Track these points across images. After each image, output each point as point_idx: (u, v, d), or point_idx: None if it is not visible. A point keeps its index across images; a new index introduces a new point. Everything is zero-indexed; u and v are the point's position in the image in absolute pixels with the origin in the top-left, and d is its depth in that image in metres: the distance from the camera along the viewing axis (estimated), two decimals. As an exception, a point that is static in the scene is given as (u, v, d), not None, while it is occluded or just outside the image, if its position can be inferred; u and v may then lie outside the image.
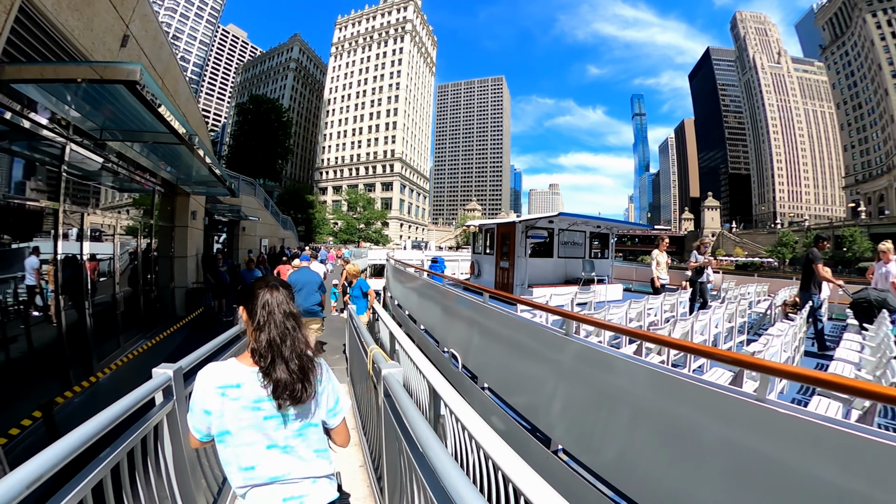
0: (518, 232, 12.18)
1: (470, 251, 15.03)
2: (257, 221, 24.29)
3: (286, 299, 1.70)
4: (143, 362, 8.41)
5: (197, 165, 9.34)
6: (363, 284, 7.79)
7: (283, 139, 64.37)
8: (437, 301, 8.13)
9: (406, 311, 10.92)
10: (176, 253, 11.95)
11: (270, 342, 1.58)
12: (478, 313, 6.03)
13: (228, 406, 1.54)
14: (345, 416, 1.79)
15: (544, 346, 4.40)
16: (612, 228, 15.45)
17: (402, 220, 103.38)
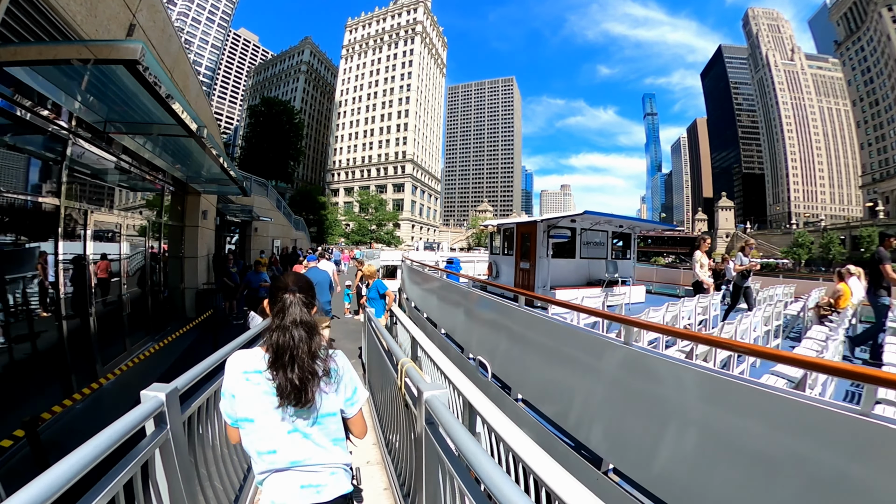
0: (539, 231, 11.66)
1: (487, 252, 14.50)
2: (269, 222, 24.02)
3: (301, 306, 1.71)
4: (149, 366, 8.05)
5: (208, 163, 8.98)
6: (380, 286, 7.34)
7: (295, 141, 64.41)
8: (460, 304, 7.63)
9: (424, 313, 10.44)
10: (186, 253, 11.62)
11: (277, 347, 1.62)
12: (511, 318, 5.52)
13: (251, 390, 1.62)
14: (361, 407, 1.83)
15: (596, 354, 3.91)
16: (634, 228, 14.86)
17: (414, 222, 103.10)
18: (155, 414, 1.96)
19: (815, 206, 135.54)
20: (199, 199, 11.77)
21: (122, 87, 5.07)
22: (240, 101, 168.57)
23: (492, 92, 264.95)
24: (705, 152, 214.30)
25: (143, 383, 1.89)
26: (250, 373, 1.64)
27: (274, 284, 1.79)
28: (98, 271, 7.45)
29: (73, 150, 6.16)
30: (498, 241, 13.65)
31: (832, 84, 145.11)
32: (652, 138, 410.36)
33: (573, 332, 4.31)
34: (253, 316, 6.69)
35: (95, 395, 6.52)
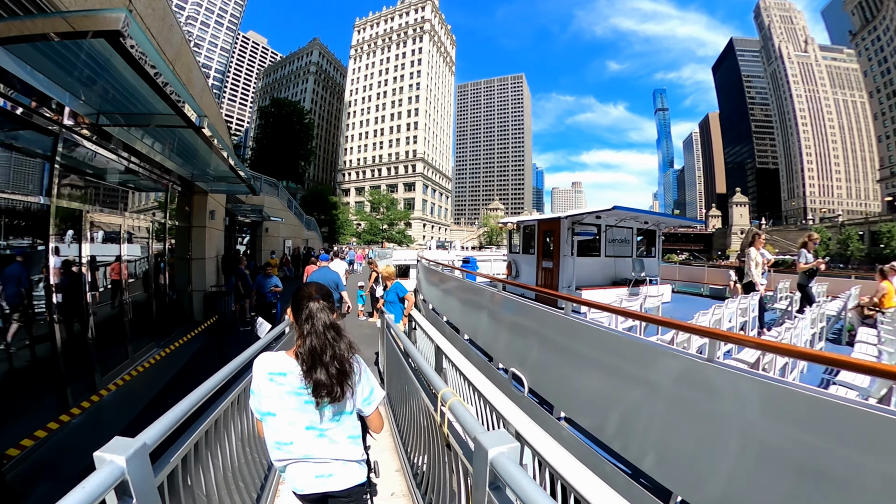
0: (563, 228, 11.01)
1: (497, 250, 13.86)
2: (280, 222, 23.64)
3: (326, 311, 1.86)
4: (154, 375, 7.59)
5: (214, 161, 8.49)
6: (399, 288, 6.76)
7: (306, 141, 64.06)
8: (484, 307, 7.01)
9: (444, 316, 9.83)
10: (194, 254, 11.17)
11: (312, 350, 1.76)
12: (546, 324, 4.90)
13: (275, 390, 1.78)
14: (379, 406, 1.96)
15: (657, 368, 3.30)
16: (659, 224, 14.13)
17: (425, 221, 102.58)
18: (116, 484, 1.39)
19: (831, 201, 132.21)
20: (206, 199, 11.31)
21: (114, 72, 4.58)
22: (250, 103, 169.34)
23: (501, 89, 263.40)
24: (718, 147, 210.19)
25: (145, 394, 1.59)
26: (275, 374, 1.80)
27: (298, 295, 1.91)
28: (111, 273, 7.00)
29: (65, 146, 5.68)
30: (517, 239, 13.00)
31: (847, 75, 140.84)
32: (663, 134, 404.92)
33: (629, 342, 3.69)
34: (261, 322, 6.19)
35: (93, 410, 6.05)
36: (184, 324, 10.51)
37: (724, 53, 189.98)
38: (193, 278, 11.15)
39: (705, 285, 16.63)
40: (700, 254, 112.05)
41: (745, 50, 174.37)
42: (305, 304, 1.85)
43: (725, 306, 7.46)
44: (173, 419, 1.79)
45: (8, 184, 5.01)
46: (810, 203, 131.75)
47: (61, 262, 5.70)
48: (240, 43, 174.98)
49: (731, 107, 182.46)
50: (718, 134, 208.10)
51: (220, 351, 6.63)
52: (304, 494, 1.83)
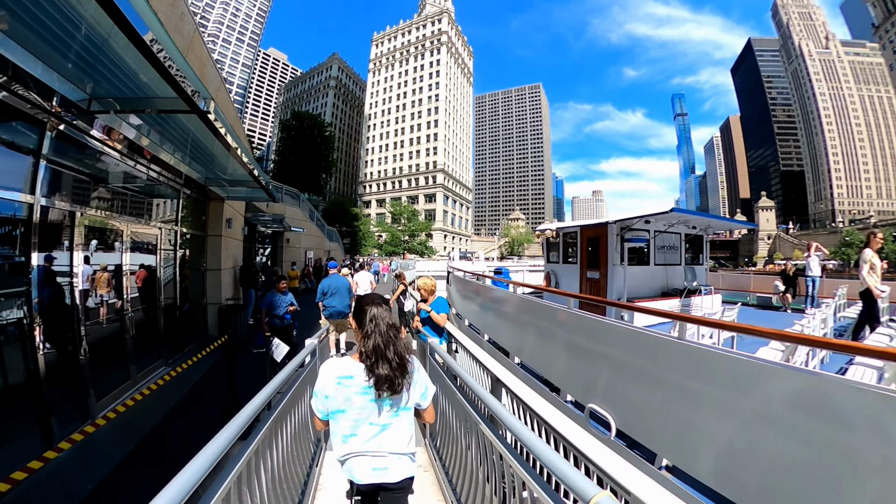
0: (611, 235, 9.90)
1: (544, 259, 12.68)
2: (302, 233, 23.00)
3: (388, 313, 2.10)
4: (159, 399, 6.72)
5: (232, 165, 7.72)
6: (442, 305, 5.70)
7: (327, 153, 64.13)
8: (553, 330, 5.83)
9: (485, 334, 8.70)
10: (208, 265, 10.40)
11: (376, 347, 1.97)
12: (655, 355, 3.78)
13: (343, 391, 1.99)
14: (431, 399, 2.21)
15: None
16: (707, 228, 12.90)
17: (446, 232, 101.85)
18: None
19: (860, 202, 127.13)
20: (222, 206, 10.58)
21: (110, 52, 3.80)
22: (272, 118, 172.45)
23: (519, 99, 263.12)
24: (740, 151, 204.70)
25: (146, 423, 2.26)
26: (343, 377, 2.01)
27: (361, 303, 2.13)
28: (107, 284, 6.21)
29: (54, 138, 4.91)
30: (557, 248, 11.89)
31: (872, 70, 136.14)
32: (683, 139, 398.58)
33: (774, 370, 2.63)
34: (277, 344, 5.28)
35: (82, 444, 5.18)
36: (197, 339, 9.71)
37: (743, 55, 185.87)
38: (208, 290, 10.37)
39: (751, 294, 15.28)
40: (726, 261, 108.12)
41: (763, 50, 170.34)
42: (370, 308, 2.06)
43: (809, 319, 6.32)
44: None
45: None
46: (838, 205, 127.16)
47: (45, 270, 4.86)
48: (261, 59, 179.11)
49: (753, 109, 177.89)
50: (740, 137, 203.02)
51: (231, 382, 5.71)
52: (361, 484, 2.03)
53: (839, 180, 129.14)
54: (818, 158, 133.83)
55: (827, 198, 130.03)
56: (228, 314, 9.63)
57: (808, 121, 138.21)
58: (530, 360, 6.17)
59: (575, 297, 5.36)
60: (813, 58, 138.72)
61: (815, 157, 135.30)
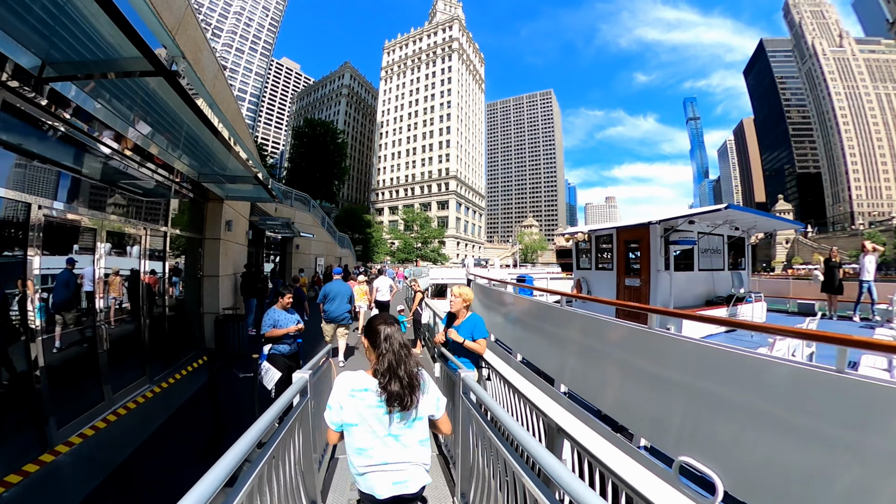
0: (654, 237, 8.76)
1: (574, 265, 11.48)
2: (311, 238, 22.15)
3: (400, 333, 2.19)
4: (134, 423, 5.73)
5: (228, 159, 6.78)
6: (479, 326, 4.41)
7: (339, 160, 63.68)
8: (612, 351, 4.74)
9: (517, 354, 7.55)
10: (206, 271, 9.48)
11: (389, 365, 2.04)
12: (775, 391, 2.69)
13: (357, 404, 2.02)
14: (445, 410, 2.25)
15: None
16: (749, 230, 11.71)
17: (459, 239, 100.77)
18: None
19: (880, 203, 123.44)
20: (221, 207, 9.67)
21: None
22: (285, 127, 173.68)
23: (530, 106, 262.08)
24: (754, 154, 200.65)
25: (113, 456, 2.10)
26: (357, 391, 2.04)
27: (372, 323, 2.20)
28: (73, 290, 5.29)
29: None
30: (589, 253, 10.74)
31: (888, 67, 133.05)
32: (696, 143, 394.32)
33: None
34: (267, 369, 4.28)
35: (30, 482, 4.21)
36: (193, 351, 8.78)
37: (755, 56, 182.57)
38: (205, 299, 9.45)
39: (791, 300, 13.97)
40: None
41: (776, 51, 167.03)
42: (382, 328, 2.15)
43: None
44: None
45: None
46: (857, 206, 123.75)
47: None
48: (273, 69, 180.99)
49: (766, 111, 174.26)
50: (754, 140, 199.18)
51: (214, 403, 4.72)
52: (382, 499, 2.00)
53: (857, 181, 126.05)
54: (835, 159, 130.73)
55: (845, 199, 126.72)
56: (225, 325, 8.64)
57: (823, 121, 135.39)
58: (584, 390, 5.04)
59: (651, 311, 4.27)
60: (827, 57, 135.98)
61: (832, 159, 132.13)
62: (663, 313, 4.28)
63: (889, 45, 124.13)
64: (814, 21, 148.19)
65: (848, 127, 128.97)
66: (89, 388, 5.71)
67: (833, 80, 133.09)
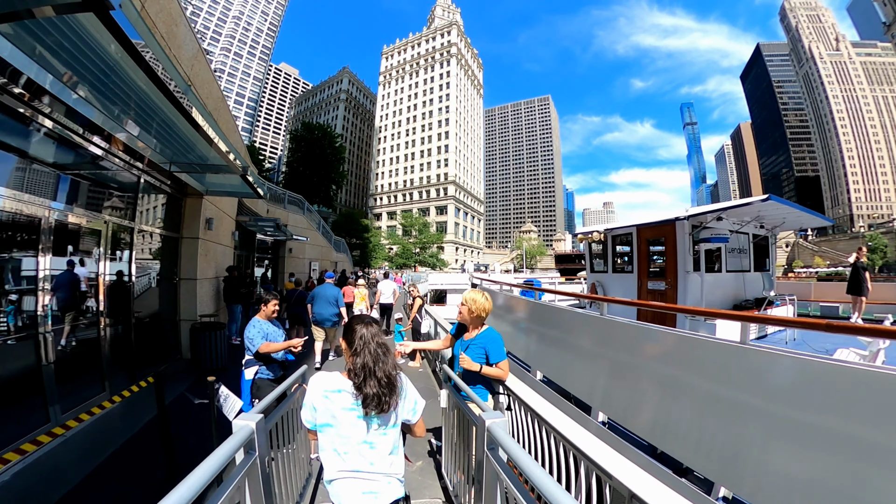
0: (681, 235, 7.89)
1: (587, 268, 10.56)
2: (305, 242, 21.22)
3: (378, 332, 2.08)
4: (81, 447, 4.78)
5: (205, 148, 5.87)
6: (497, 345, 3.47)
7: (337, 164, 62.92)
8: (682, 376, 3.83)
9: (537, 372, 6.58)
10: (182, 274, 8.54)
11: (364, 365, 1.93)
12: None
13: (329, 406, 1.92)
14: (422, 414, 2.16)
15: None
16: (774, 228, 10.88)
17: (458, 244, 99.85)
18: None
19: (879, 206, 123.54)
20: (200, 203, 8.75)
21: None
22: (283, 132, 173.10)
23: (528, 112, 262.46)
24: (752, 158, 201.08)
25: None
26: (330, 391, 1.94)
27: (351, 323, 2.10)
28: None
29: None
30: (605, 254, 9.84)
31: (885, 70, 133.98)
32: (694, 149, 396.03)
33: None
34: (226, 396, 3.34)
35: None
36: (164, 363, 7.83)
37: (752, 61, 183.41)
38: (182, 304, 8.50)
39: (812, 303, 13.08)
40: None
41: (773, 55, 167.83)
42: (359, 327, 2.05)
43: None
44: None
45: None
46: (857, 209, 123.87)
47: None
48: (272, 74, 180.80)
49: (764, 115, 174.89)
50: (752, 144, 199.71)
51: (164, 435, 3.79)
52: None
53: (856, 184, 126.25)
54: (833, 162, 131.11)
55: (844, 202, 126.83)
56: (201, 333, 7.68)
57: (821, 124, 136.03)
58: (634, 423, 4.09)
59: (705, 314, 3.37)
60: (824, 60, 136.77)
61: (831, 162, 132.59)
62: (750, 319, 3.36)
63: (885, 48, 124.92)
64: (810, 25, 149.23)
65: (846, 130, 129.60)
66: (34, 407, 4.80)
67: (830, 84, 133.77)
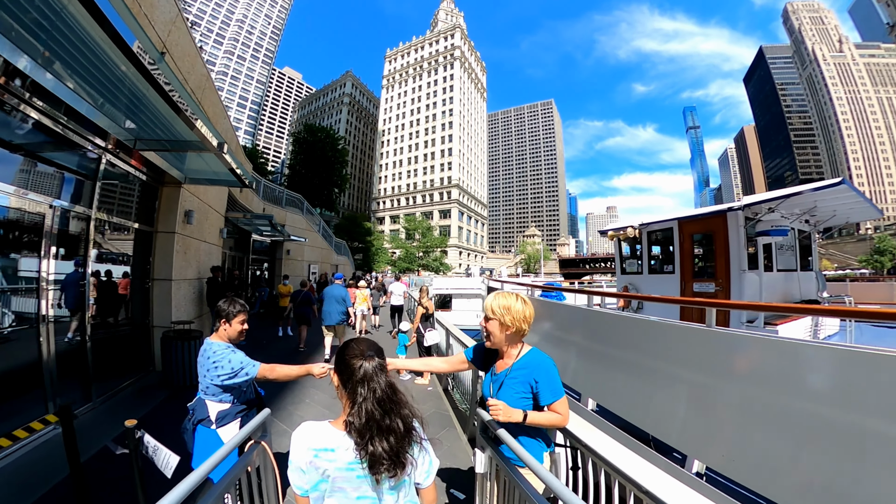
0: (734, 227, 6.77)
1: (617, 270, 9.37)
2: (303, 243, 20.12)
3: (382, 366, 1.59)
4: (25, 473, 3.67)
5: (179, 125, 4.83)
6: (548, 376, 2.27)
7: (339, 168, 62.07)
8: None
9: (589, 401, 5.06)
10: (156, 273, 7.44)
11: (368, 416, 1.48)
12: None
13: (322, 465, 1.49)
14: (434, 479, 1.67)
15: None
16: (817, 224, 9.75)
17: (461, 248, 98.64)
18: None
19: (885, 208, 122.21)
20: (178, 193, 7.66)
21: None
22: (286, 137, 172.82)
23: (531, 116, 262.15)
24: (756, 162, 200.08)
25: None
26: (320, 450, 1.49)
27: (346, 353, 1.61)
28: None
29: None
30: (639, 252, 8.67)
31: (889, 71, 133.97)
32: (697, 152, 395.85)
33: None
34: (155, 447, 2.24)
35: None
36: (133, 375, 6.73)
37: (755, 63, 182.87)
38: (155, 309, 7.39)
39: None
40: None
41: (776, 57, 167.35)
42: (358, 363, 1.55)
43: None
44: None
45: None
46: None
47: None
48: (276, 78, 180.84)
49: (768, 118, 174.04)
50: (756, 147, 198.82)
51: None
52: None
53: (861, 186, 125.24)
54: (838, 164, 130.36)
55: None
56: (173, 343, 6.57)
57: (825, 127, 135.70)
58: (752, 477, 2.93)
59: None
60: (828, 62, 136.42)
61: (835, 164, 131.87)
62: None
63: (889, 49, 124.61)
64: (813, 27, 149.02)
65: (850, 131, 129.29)
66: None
67: (834, 85, 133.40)
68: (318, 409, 6.22)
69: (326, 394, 6.76)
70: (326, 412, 6.02)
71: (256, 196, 16.55)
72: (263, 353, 9.87)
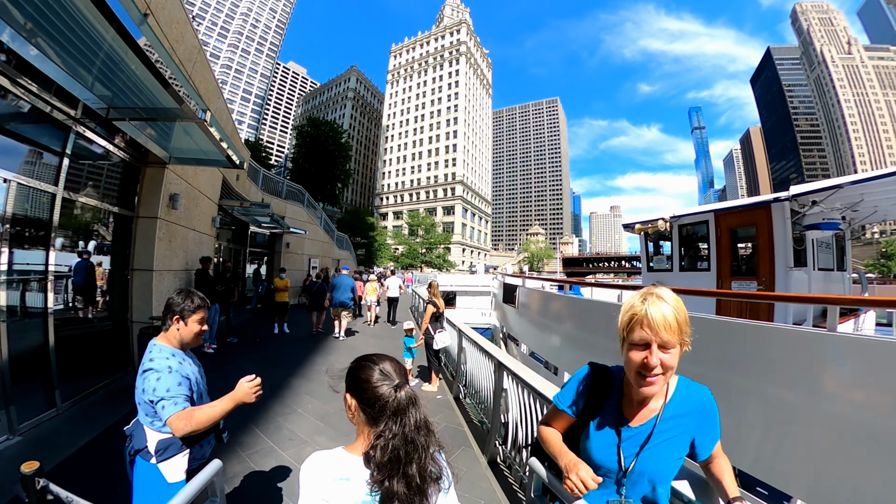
0: (779, 220, 6.05)
1: (643, 267, 8.62)
2: (303, 235, 19.44)
3: (416, 396, 1.33)
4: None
5: (150, 84, 4.16)
6: (711, 420, 1.51)
7: (342, 162, 61.43)
8: None
9: None
10: (136, 264, 6.76)
11: (395, 457, 1.24)
12: None
13: (334, 496, 1.27)
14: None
15: None
16: (852, 221, 9.03)
17: (465, 245, 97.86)
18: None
19: None
20: (162, 174, 6.97)
21: None
22: (290, 131, 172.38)
23: (536, 114, 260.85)
24: (762, 164, 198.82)
25: None
26: (336, 480, 1.28)
27: (366, 371, 1.34)
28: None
29: None
30: (668, 247, 7.95)
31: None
32: (702, 153, 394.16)
33: None
34: (69, 499, 1.56)
35: None
36: (108, 375, 6.07)
37: (762, 64, 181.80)
38: (134, 302, 6.71)
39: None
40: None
41: (783, 58, 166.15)
42: (387, 390, 1.29)
43: None
44: None
45: None
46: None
47: None
48: (280, 72, 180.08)
49: (774, 119, 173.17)
50: (761, 149, 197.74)
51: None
52: None
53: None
54: (845, 167, 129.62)
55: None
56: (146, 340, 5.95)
57: (833, 129, 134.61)
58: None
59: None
60: (836, 63, 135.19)
61: (842, 166, 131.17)
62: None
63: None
64: (822, 28, 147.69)
65: (858, 134, 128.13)
66: None
67: (842, 87, 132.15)
68: (311, 420, 5.38)
69: (320, 401, 6.05)
70: (321, 424, 5.23)
71: (255, 185, 15.86)
72: (257, 353, 9.19)
